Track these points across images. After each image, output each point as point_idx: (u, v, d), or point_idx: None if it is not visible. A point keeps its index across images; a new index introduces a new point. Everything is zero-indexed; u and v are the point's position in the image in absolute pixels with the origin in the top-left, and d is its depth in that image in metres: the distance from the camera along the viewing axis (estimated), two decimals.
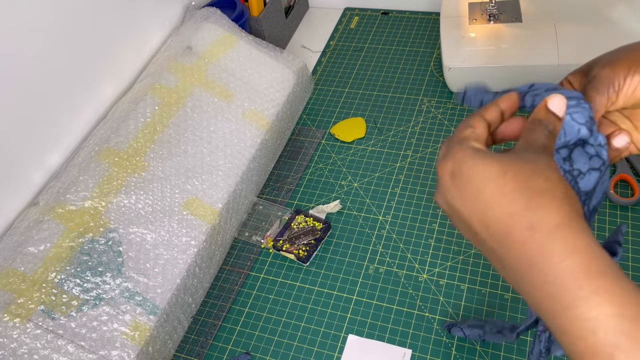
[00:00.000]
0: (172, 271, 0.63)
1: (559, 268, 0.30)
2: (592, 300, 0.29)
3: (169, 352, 0.63)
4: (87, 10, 0.70)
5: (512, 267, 0.33)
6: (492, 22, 0.83)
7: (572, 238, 0.30)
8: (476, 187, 0.34)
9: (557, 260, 0.30)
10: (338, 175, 0.79)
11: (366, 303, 0.65)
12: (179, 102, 0.73)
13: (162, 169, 0.67)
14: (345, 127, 0.84)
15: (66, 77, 0.68)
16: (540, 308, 0.31)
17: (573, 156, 0.39)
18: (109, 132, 0.68)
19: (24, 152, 0.64)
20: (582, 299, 0.29)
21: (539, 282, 0.31)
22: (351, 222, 0.73)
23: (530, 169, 0.33)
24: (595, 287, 0.29)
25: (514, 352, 0.58)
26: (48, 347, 0.54)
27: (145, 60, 0.81)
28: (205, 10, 0.83)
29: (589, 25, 0.78)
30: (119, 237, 0.62)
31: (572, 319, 0.29)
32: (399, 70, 0.92)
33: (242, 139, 0.75)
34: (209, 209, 0.68)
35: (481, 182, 0.34)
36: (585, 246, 0.30)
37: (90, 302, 0.57)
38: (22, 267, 0.57)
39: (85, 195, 0.62)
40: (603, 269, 0.29)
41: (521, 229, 0.32)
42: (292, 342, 0.63)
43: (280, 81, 0.82)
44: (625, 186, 0.70)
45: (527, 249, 0.31)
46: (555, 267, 0.30)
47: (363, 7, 1.05)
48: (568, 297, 0.30)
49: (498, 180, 0.33)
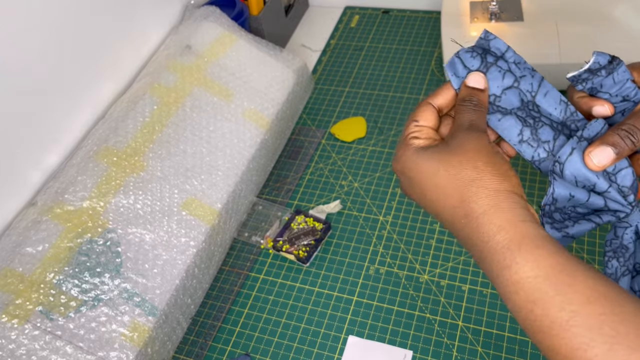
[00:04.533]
0: (171, 272, 0.62)
1: (487, 246, 0.36)
2: (512, 268, 0.35)
3: (168, 353, 0.62)
4: (85, 9, 0.69)
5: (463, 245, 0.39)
6: (493, 21, 0.82)
7: (497, 219, 0.36)
8: (419, 187, 0.40)
9: (485, 239, 0.36)
10: (338, 175, 0.78)
11: (366, 304, 0.65)
12: (178, 101, 0.72)
13: (161, 168, 0.67)
14: (345, 126, 0.84)
15: (64, 77, 0.68)
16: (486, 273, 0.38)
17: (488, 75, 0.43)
18: (108, 132, 0.68)
19: (22, 152, 0.64)
20: (505, 268, 0.35)
21: (478, 257, 0.38)
22: (351, 222, 0.73)
23: (458, 160, 0.38)
24: (515, 257, 0.35)
25: (515, 353, 0.58)
26: (46, 348, 0.54)
27: (144, 59, 0.81)
28: (204, 9, 0.83)
29: (590, 24, 0.78)
30: (118, 238, 0.61)
31: (502, 284, 0.36)
32: (399, 69, 0.92)
33: (242, 138, 0.74)
34: (208, 209, 0.68)
35: (422, 182, 0.40)
36: (508, 224, 0.36)
37: (88, 303, 0.57)
38: (20, 267, 0.57)
39: (83, 195, 0.62)
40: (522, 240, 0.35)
41: (459, 217, 0.38)
42: (292, 343, 0.63)
43: (280, 80, 0.81)
44: None
45: (466, 233, 0.38)
46: (486, 246, 0.36)
47: (363, 5, 1.05)
48: (496, 268, 0.36)
49: (434, 179, 0.39)
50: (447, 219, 0.39)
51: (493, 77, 0.43)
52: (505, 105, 0.43)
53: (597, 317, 0.32)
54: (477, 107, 0.42)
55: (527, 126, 0.43)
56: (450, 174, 0.38)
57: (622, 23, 0.78)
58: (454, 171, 0.38)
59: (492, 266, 0.36)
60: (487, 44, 0.44)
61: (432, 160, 0.39)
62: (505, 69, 0.43)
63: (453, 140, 0.40)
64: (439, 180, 0.39)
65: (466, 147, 0.39)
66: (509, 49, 0.44)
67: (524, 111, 0.43)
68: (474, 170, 0.38)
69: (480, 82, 0.43)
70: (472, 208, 0.37)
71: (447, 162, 0.39)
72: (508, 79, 0.43)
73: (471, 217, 0.37)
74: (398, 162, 0.42)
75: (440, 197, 0.39)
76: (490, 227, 0.36)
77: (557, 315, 0.33)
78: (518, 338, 0.59)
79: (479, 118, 0.41)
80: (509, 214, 0.36)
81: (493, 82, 0.43)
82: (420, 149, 0.41)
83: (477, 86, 0.43)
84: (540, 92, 0.44)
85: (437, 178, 0.39)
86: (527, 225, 0.36)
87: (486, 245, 0.36)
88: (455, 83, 0.44)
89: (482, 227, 0.37)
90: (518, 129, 0.43)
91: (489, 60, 0.44)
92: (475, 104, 0.42)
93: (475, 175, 0.38)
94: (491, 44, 0.44)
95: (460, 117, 0.41)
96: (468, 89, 0.43)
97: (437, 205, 0.39)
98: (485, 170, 0.38)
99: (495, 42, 0.44)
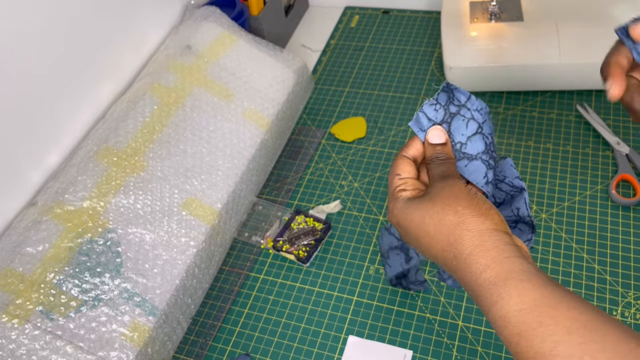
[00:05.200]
0: (171, 272, 0.62)
1: (477, 284, 0.38)
2: (499, 303, 0.37)
3: (168, 353, 0.62)
4: (85, 9, 0.69)
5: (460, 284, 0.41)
6: (493, 21, 0.82)
7: (483, 258, 0.38)
8: (413, 235, 0.43)
9: (474, 278, 0.38)
10: (338, 175, 0.78)
11: (366, 304, 0.65)
12: (178, 101, 0.73)
13: (161, 168, 0.67)
14: (345, 126, 0.84)
15: (64, 77, 0.68)
16: (481, 311, 0.39)
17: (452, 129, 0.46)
18: (108, 132, 0.68)
19: (23, 152, 0.64)
20: (493, 304, 0.37)
21: (471, 294, 0.40)
22: (351, 222, 0.73)
23: (440, 207, 0.41)
24: (500, 293, 0.37)
25: None
26: (47, 348, 0.54)
27: (144, 59, 0.81)
28: (204, 9, 0.83)
29: (590, 24, 0.78)
30: (118, 238, 0.61)
31: (492, 319, 0.37)
32: (399, 69, 0.92)
33: (242, 138, 0.74)
34: (208, 209, 0.68)
35: (414, 231, 0.43)
36: (493, 262, 0.38)
37: (89, 303, 0.57)
38: (20, 267, 0.57)
39: (83, 195, 0.62)
40: (507, 276, 0.37)
41: (450, 260, 0.40)
42: (292, 343, 0.63)
43: (280, 80, 0.81)
44: (627, 186, 0.70)
45: (459, 274, 0.40)
46: (475, 284, 0.38)
47: (363, 5, 1.05)
48: (486, 304, 0.38)
49: (423, 227, 0.42)
50: (441, 262, 0.42)
51: (457, 127, 0.46)
52: (470, 151, 0.46)
53: (578, 347, 0.33)
54: (445, 160, 0.45)
55: (490, 168, 0.45)
56: (435, 220, 0.41)
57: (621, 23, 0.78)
58: (438, 217, 0.41)
59: (483, 302, 0.38)
60: (451, 92, 0.46)
61: (418, 210, 0.42)
62: (468, 117, 0.45)
63: (432, 189, 0.43)
64: (427, 228, 0.41)
65: (444, 194, 0.42)
66: (471, 96, 0.46)
67: (488, 154, 0.46)
68: (455, 214, 0.40)
69: (441, 137, 0.46)
70: (459, 250, 0.39)
71: (430, 209, 0.41)
72: (472, 126, 0.46)
73: (459, 258, 0.39)
74: (392, 215, 0.45)
75: (432, 242, 0.41)
76: (477, 267, 0.38)
77: (540, 345, 0.34)
78: None
79: (449, 168, 0.44)
80: (494, 252, 0.38)
81: (458, 131, 0.46)
82: (408, 201, 0.44)
83: (439, 141, 0.46)
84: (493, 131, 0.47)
85: (425, 226, 0.41)
86: (511, 261, 0.38)
87: (475, 284, 0.38)
88: (422, 137, 0.47)
89: (470, 267, 0.39)
90: (483, 172, 0.45)
91: (452, 110, 0.46)
92: (443, 159, 0.45)
93: (457, 219, 0.40)
94: (454, 92, 0.46)
95: (432, 172, 0.44)
96: (431, 147, 0.46)
97: (430, 250, 0.42)
98: (465, 213, 0.40)
99: (457, 90, 0.46)
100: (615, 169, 0.72)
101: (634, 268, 0.63)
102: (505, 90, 0.84)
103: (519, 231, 0.49)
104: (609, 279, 0.62)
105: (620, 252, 0.64)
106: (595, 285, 0.62)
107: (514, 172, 0.48)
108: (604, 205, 0.68)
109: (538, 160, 0.75)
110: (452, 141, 0.46)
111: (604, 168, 0.72)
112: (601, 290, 0.62)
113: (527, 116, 0.80)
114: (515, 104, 0.82)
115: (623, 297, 0.61)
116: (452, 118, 0.46)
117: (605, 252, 0.64)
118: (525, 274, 0.37)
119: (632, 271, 0.62)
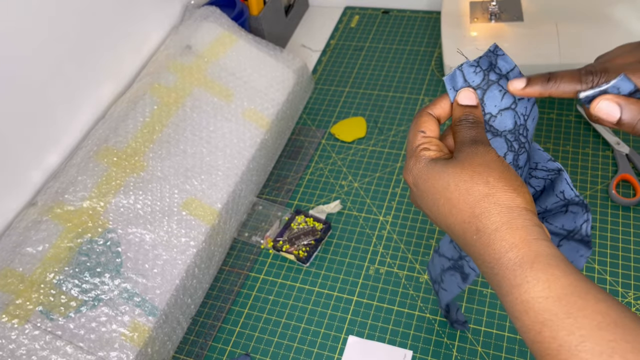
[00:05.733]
0: (171, 272, 0.62)
1: (498, 263, 0.36)
2: (523, 287, 0.34)
3: (168, 353, 0.62)
4: (85, 9, 0.69)
5: (472, 258, 0.39)
6: (493, 21, 0.82)
7: (510, 236, 0.36)
8: (432, 199, 0.40)
9: (497, 256, 0.36)
10: (338, 175, 0.78)
11: (366, 304, 0.65)
12: (178, 101, 0.72)
13: (161, 168, 0.67)
14: (345, 126, 0.84)
15: (64, 77, 0.68)
16: (495, 290, 0.37)
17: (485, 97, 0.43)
18: (108, 132, 0.68)
19: (23, 152, 0.64)
20: (515, 287, 0.34)
21: (488, 273, 0.37)
22: (351, 222, 0.73)
23: (469, 175, 0.38)
24: (526, 276, 0.34)
25: (515, 353, 0.58)
26: (47, 348, 0.54)
27: (144, 59, 0.81)
28: (204, 9, 0.83)
29: (590, 24, 0.78)
30: (118, 238, 0.61)
31: (511, 303, 0.35)
32: (399, 69, 0.92)
33: (242, 138, 0.74)
34: (208, 209, 0.68)
35: (434, 195, 0.39)
36: (521, 241, 0.35)
37: (88, 303, 0.57)
38: (20, 267, 0.57)
39: (83, 195, 0.62)
40: (535, 259, 0.34)
41: (471, 233, 0.37)
42: (292, 343, 0.63)
43: (280, 80, 0.81)
44: (628, 186, 0.70)
45: (477, 248, 0.37)
46: (497, 263, 0.36)
47: (363, 6, 1.05)
48: (506, 285, 0.35)
49: (446, 193, 0.38)
50: (458, 233, 0.39)
51: (492, 96, 0.42)
52: (498, 126, 0.43)
53: (607, 344, 0.31)
54: (475, 124, 0.41)
55: (511, 151, 0.43)
56: (461, 189, 0.38)
57: (622, 23, 0.78)
58: (466, 186, 0.38)
59: (502, 283, 0.36)
60: (495, 58, 0.43)
61: (444, 174, 0.39)
62: (506, 89, 0.42)
63: (460, 154, 0.39)
64: (450, 195, 0.38)
65: (475, 161, 0.38)
66: (516, 67, 0.43)
67: (514, 134, 0.43)
68: (485, 185, 0.37)
69: (472, 99, 0.42)
70: (484, 224, 0.37)
71: (457, 176, 0.38)
72: (507, 100, 0.42)
73: (483, 232, 0.37)
74: (410, 174, 0.41)
75: (452, 211, 0.38)
76: (503, 245, 0.36)
77: (566, 339, 0.32)
78: (518, 338, 0.59)
79: (479, 133, 0.41)
80: (522, 231, 0.36)
81: (491, 102, 0.43)
82: (432, 162, 0.40)
83: (470, 103, 0.42)
84: (530, 116, 0.43)
85: (449, 192, 0.38)
86: (540, 244, 0.35)
87: (497, 262, 0.36)
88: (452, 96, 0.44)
89: (494, 244, 0.36)
90: (503, 152, 0.42)
91: (492, 78, 0.43)
92: (472, 122, 0.41)
93: (487, 191, 0.37)
94: (499, 59, 0.43)
95: (461, 135, 0.41)
96: (461, 108, 0.42)
97: (448, 218, 0.39)
98: (497, 186, 0.37)
99: (503, 58, 0.43)
100: (615, 169, 0.72)
101: (634, 268, 0.63)
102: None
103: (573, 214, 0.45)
104: (609, 279, 0.62)
105: (620, 252, 0.64)
106: None
107: (544, 155, 0.45)
108: (604, 205, 0.68)
109: None
110: (483, 110, 0.43)
111: (604, 168, 0.72)
112: None
113: None
114: None
115: (623, 297, 0.61)
116: (489, 86, 0.42)
117: (605, 252, 0.64)
118: (554, 258, 0.34)
119: (632, 271, 0.62)
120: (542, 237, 0.36)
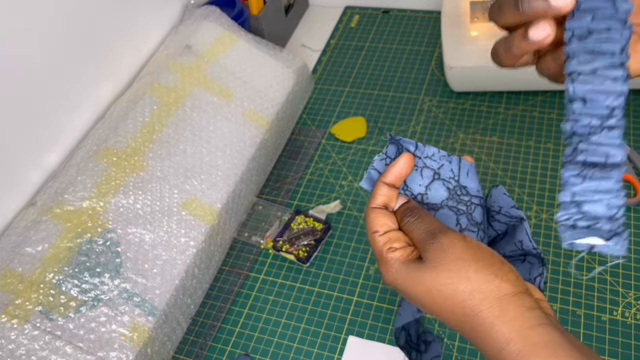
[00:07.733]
0: (171, 272, 0.62)
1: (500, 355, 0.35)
2: None
3: (168, 354, 0.62)
4: (85, 8, 0.69)
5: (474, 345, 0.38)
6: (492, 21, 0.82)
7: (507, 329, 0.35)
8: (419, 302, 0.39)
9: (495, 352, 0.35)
10: (338, 175, 0.78)
11: (366, 304, 0.65)
12: (177, 101, 0.72)
13: (161, 168, 0.67)
14: (345, 126, 0.84)
15: (64, 77, 0.68)
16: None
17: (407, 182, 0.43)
18: (108, 132, 0.68)
19: (22, 152, 0.64)
20: None
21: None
22: (351, 222, 0.72)
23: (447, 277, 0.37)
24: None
25: None
26: (46, 348, 0.54)
27: (144, 59, 0.81)
28: (204, 8, 0.82)
29: None
30: (118, 238, 0.61)
31: None
32: (399, 69, 0.91)
33: (242, 138, 0.74)
34: (208, 209, 0.68)
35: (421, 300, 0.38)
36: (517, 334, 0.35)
37: (88, 303, 0.57)
38: (19, 267, 0.57)
39: (83, 195, 0.62)
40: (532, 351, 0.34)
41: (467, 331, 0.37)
42: (291, 344, 0.63)
43: (280, 80, 0.81)
44: (628, 186, 0.70)
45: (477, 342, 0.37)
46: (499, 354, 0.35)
47: (363, 5, 1.05)
48: None
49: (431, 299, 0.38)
50: (455, 329, 0.38)
51: (412, 177, 0.43)
52: (434, 200, 0.42)
53: None
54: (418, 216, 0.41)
55: (462, 214, 0.42)
56: (445, 293, 0.37)
57: None
58: (449, 290, 0.37)
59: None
60: (398, 143, 0.43)
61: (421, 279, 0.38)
62: (421, 165, 0.43)
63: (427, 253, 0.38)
64: (435, 300, 0.37)
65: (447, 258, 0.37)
66: (418, 145, 0.43)
67: (454, 199, 0.43)
68: (467, 282, 0.36)
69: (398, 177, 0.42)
70: (477, 323, 0.36)
71: (436, 281, 0.37)
72: (427, 174, 0.42)
73: (478, 330, 0.36)
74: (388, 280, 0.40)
75: (443, 313, 0.38)
76: (500, 340, 0.35)
77: None
78: None
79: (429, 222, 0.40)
80: (517, 322, 0.35)
81: (414, 183, 0.42)
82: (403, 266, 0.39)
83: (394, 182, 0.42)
84: (462, 174, 0.43)
85: (433, 298, 0.38)
86: (536, 332, 0.35)
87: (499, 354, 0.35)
88: None
89: (491, 340, 0.36)
90: (454, 220, 0.42)
91: None
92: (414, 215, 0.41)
93: (470, 288, 0.36)
94: (402, 143, 0.43)
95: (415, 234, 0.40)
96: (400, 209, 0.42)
97: (441, 317, 0.38)
98: (479, 280, 0.36)
99: (403, 141, 0.43)
100: None
101: (634, 268, 0.62)
102: (505, 90, 0.84)
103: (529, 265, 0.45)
104: (609, 279, 0.62)
105: None
106: (596, 285, 0.62)
107: (508, 201, 0.44)
108: None
109: (538, 160, 0.75)
110: (412, 194, 0.43)
111: None
112: (601, 290, 0.62)
113: (527, 116, 0.80)
114: (515, 104, 0.82)
115: (623, 297, 0.61)
116: None
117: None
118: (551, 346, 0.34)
119: (632, 271, 0.62)
120: (537, 321, 0.35)
